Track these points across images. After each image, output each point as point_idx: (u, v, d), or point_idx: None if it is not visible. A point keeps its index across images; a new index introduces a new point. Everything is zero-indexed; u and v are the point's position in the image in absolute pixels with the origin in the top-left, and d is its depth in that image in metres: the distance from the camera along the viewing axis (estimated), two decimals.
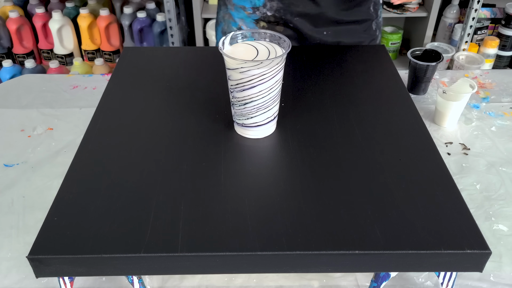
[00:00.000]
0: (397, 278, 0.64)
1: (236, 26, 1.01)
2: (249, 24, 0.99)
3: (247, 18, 0.98)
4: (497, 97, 1.03)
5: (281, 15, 0.96)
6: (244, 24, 0.99)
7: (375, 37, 1.06)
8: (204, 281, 0.64)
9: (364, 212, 0.55)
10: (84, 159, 0.64)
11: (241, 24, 1.00)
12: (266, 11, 0.96)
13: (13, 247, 0.68)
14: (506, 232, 0.71)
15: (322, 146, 0.66)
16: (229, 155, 0.65)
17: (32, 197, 0.76)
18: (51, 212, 0.55)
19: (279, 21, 0.97)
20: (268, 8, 0.95)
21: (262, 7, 0.96)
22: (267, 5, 0.95)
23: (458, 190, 0.59)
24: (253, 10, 0.97)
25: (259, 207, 0.56)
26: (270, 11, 0.96)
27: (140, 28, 1.90)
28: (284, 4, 0.94)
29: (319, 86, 0.80)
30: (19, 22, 1.87)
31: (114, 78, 0.83)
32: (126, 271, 0.55)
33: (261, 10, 0.96)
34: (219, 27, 1.07)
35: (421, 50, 1.01)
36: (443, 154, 0.84)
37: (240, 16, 0.99)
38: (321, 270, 0.57)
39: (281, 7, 0.95)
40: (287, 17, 0.96)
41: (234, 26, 1.01)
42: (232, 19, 1.01)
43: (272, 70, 0.61)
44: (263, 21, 0.97)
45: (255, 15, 0.97)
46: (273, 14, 0.96)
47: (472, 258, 0.52)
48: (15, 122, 0.93)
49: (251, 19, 0.98)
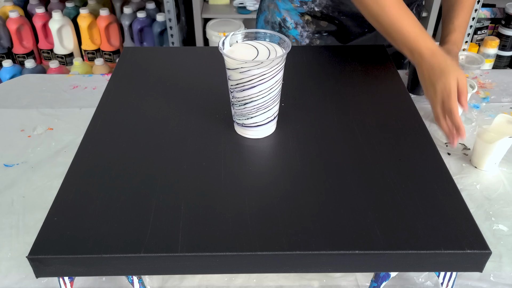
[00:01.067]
0: (397, 278, 0.64)
1: (281, 17, 1.01)
2: (293, 16, 0.99)
3: (293, 11, 0.98)
4: (497, 97, 1.03)
5: (329, 12, 0.96)
6: (288, 16, 1.00)
7: None
8: (204, 281, 0.64)
9: (364, 212, 0.55)
10: (84, 159, 0.64)
11: (286, 15, 1.00)
12: (314, 7, 0.96)
13: (13, 247, 0.68)
14: (506, 232, 0.71)
15: (322, 146, 0.66)
16: (229, 155, 0.65)
17: (32, 197, 0.76)
18: (51, 212, 0.55)
19: (326, 17, 0.97)
20: (317, 3, 0.95)
21: (311, 2, 0.96)
22: (316, 1, 0.95)
23: (458, 190, 0.59)
24: (301, 4, 0.97)
25: (259, 207, 0.56)
26: (318, 7, 0.96)
27: (140, 28, 1.90)
28: (334, 2, 0.94)
29: (319, 86, 0.80)
30: (19, 22, 1.87)
31: (114, 78, 0.83)
32: (126, 271, 0.55)
33: (309, 5, 0.96)
34: (261, 16, 1.07)
35: None
36: (443, 154, 0.84)
37: (286, 7, 0.99)
38: (321, 270, 0.57)
39: (330, 5, 0.95)
40: (334, 15, 0.96)
41: (278, 16, 1.02)
42: (277, 9, 1.01)
43: (272, 70, 0.61)
44: (309, 15, 0.98)
45: (301, 8, 0.97)
46: (321, 10, 0.96)
47: (472, 258, 0.52)
48: (15, 122, 0.93)
49: (297, 12, 0.98)
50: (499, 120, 0.82)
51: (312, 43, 1.02)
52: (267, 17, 1.05)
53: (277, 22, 1.02)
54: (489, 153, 0.80)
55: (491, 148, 0.79)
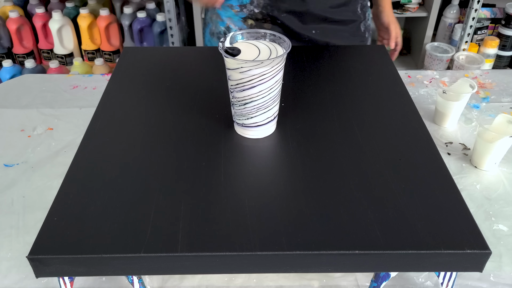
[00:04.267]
0: (397, 278, 0.64)
1: (224, 26, 1.00)
2: (237, 22, 0.98)
3: (235, 17, 0.98)
4: (497, 97, 1.03)
5: (268, 11, 0.95)
6: (232, 23, 0.99)
7: (364, 39, 1.05)
8: (204, 281, 0.64)
9: (364, 212, 0.55)
10: (84, 159, 0.64)
11: (229, 23, 0.99)
12: (253, 8, 0.95)
13: (13, 247, 0.68)
14: (506, 232, 0.71)
15: (322, 146, 0.66)
16: (229, 155, 0.65)
17: (32, 197, 0.76)
18: (51, 212, 0.55)
19: (267, 18, 0.96)
20: (255, 5, 0.95)
21: (249, 4, 0.95)
22: (254, 2, 0.95)
23: (458, 190, 0.59)
24: (241, 8, 0.96)
25: (259, 207, 0.56)
26: (257, 8, 0.95)
27: (140, 28, 1.90)
28: (271, 1, 0.94)
29: (319, 86, 0.80)
30: (19, 22, 1.87)
31: (114, 78, 0.83)
32: (126, 271, 0.55)
33: (248, 8, 0.96)
34: (207, 29, 1.06)
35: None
36: (443, 154, 0.84)
37: (228, 15, 0.98)
38: (321, 270, 0.57)
39: (268, 4, 0.94)
40: (274, 14, 0.95)
41: (222, 25, 1.01)
42: (220, 19, 1.00)
43: (272, 70, 0.61)
44: (251, 19, 0.97)
45: (242, 13, 0.97)
46: (260, 11, 0.95)
47: (472, 258, 0.52)
48: (15, 122, 0.93)
49: (238, 17, 0.98)
50: (500, 120, 0.83)
51: None
52: (211, 29, 1.04)
53: (221, 31, 1.01)
54: (489, 153, 0.80)
55: (491, 147, 0.79)
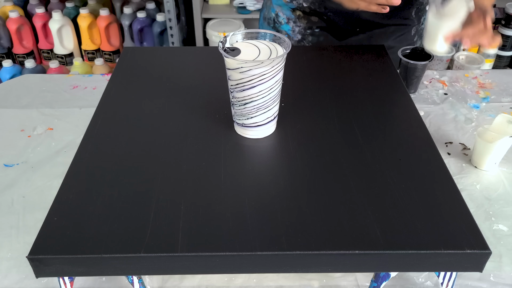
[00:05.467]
0: (397, 278, 0.64)
1: (274, 12, 1.03)
2: (285, 11, 1.01)
3: (285, 6, 1.00)
4: (497, 97, 1.03)
5: (316, 7, 0.97)
6: (281, 11, 1.01)
7: (412, 43, 1.05)
8: (204, 281, 0.64)
9: (364, 212, 0.55)
10: (84, 158, 0.64)
11: (278, 11, 1.02)
12: (303, 2, 0.97)
13: (13, 247, 0.68)
14: (506, 232, 0.71)
15: (322, 146, 0.66)
16: (229, 155, 0.65)
17: (32, 197, 0.76)
18: (51, 212, 0.55)
19: (314, 13, 0.98)
20: None
21: None
22: None
23: (458, 190, 0.59)
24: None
25: (259, 207, 0.56)
26: (306, 2, 0.97)
27: (140, 28, 1.90)
28: None
29: (319, 86, 0.80)
30: (19, 22, 1.87)
31: (114, 78, 0.83)
32: (126, 271, 0.55)
33: (298, 0, 0.98)
34: (261, 13, 1.10)
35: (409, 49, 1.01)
36: (443, 154, 0.84)
37: (278, 3, 1.01)
38: (321, 270, 0.57)
39: (316, 0, 0.96)
40: (321, 10, 0.97)
41: (272, 12, 1.04)
42: (272, 5, 1.03)
43: (272, 70, 0.61)
44: (300, 11, 0.99)
45: (291, 4, 0.99)
46: (309, 5, 0.97)
47: (472, 258, 0.52)
48: (15, 122, 0.93)
49: (288, 7, 1.00)
50: (500, 120, 0.82)
51: (304, 39, 1.02)
52: (264, 14, 1.08)
53: (272, 17, 1.04)
54: (489, 153, 0.80)
55: (491, 147, 0.79)
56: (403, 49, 1.01)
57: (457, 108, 0.99)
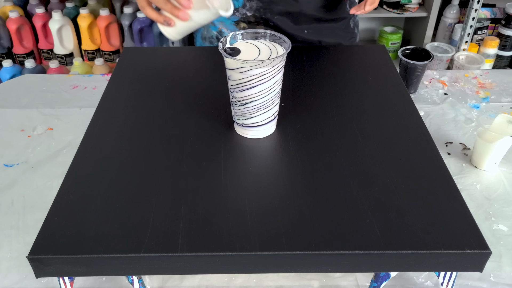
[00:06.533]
0: (397, 278, 0.64)
1: (216, 30, 0.99)
2: (229, 26, 0.97)
3: (227, 21, 0.96)
4: (497, 97, 1.03)
5: (261, 14, 0.94)
6: (224, 27, 0.98)
7: (354, 35, 1.05)
8: (204, 281, 0.64)
9: (364, 212, 0.55)
10: (84, 159, 0.64)
11: (221, 27, 0.98)
12: (246, 12, 0.94)
13: (13, 247, 0.68)
14: (506, 232, 0.71)
15: (322, 146, 0.66)
16: (229, 155, 0.65)
17: (32, 197, 0.76)
18: (51, 212, 0.55)
19: (259, 20, 0.95)
20: (248, 8, 0.94)
21: (242, 7, 0.94)
22: (247, 5, 0.93)
23: (458, 190, 0.59)
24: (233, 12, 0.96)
25: (259, 207, 0.56)
26: (249, 11, 0.94)
27: (140, 28, 1.90)
28: (264, 3, 0.93)
29: (319, 86, 0.80)
30: (19, 22, 1.87)
31: (114, 78, 0.83)
32: (126, 271, 0.55)
33: (240, 11, 0.94)
34: (198, 34, 1.05)
35: (409, 49, 1.01)
36: (443, 154, 0.84)
37: (220, 19, 0.96)
38: (321, 270, 0.57)
39: (260, 6, 0.93)
40: (267, 16, 0.94)
41: (213, 30, 0.99)
42: (212, 23, 0.98)
43: (272, 70, 0.61)
44: (243, 22, 0.96)
45: (234, 16, 0.95)
46: (253, 14, 0.94)
47: (472, 258, 0.52)
48: (15, 122, 0.93)
49: (231, 21, 0.96)
50: (500, 120, 0.82)
51: None
52: (203, 34, 1.03)
53: (213, 36, 1.00)
54: (489, 153, 0.80)
55: (491, 147, 0.79)
56: (403, 49, 1.01)
57: (457, 108, 0.99)
